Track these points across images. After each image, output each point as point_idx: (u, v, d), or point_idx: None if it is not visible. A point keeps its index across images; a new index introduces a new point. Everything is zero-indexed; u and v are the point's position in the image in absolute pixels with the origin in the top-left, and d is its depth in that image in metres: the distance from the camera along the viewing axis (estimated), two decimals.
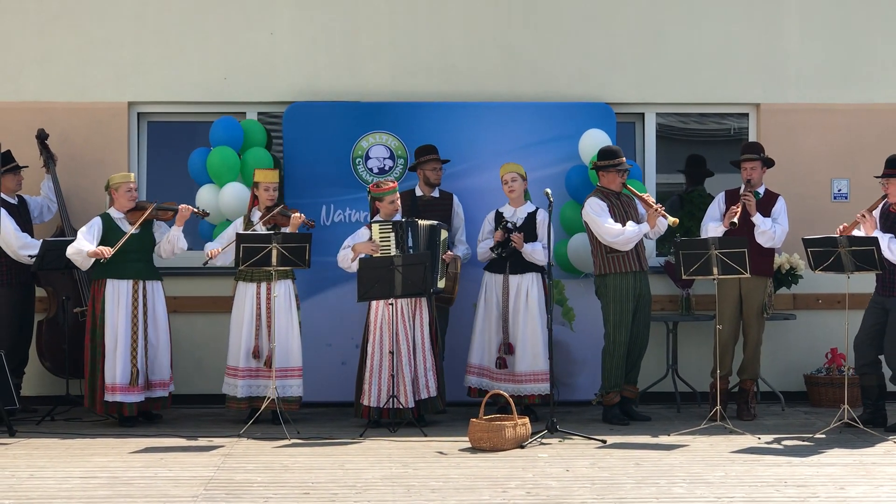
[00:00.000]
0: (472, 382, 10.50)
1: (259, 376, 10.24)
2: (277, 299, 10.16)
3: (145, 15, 11.41)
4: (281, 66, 11.46)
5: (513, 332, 10.42)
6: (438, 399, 10.18)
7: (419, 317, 10.13)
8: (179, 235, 10.25)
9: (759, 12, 11.63)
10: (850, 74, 11.66)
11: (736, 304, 10.49)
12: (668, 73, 11.60)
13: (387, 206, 10.26)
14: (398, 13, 11.51)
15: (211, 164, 10.82)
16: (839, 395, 10.40)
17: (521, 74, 11.51)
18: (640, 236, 10.23)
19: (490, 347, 10.49)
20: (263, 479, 8.25)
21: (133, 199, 10.25)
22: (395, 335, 9.97)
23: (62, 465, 8.72)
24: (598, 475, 8.35)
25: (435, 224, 10.26)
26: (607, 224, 10.17)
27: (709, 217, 10.64)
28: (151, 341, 10.18)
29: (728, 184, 11.02)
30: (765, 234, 10.38)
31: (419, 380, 10.07)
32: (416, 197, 10.78)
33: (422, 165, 10.76)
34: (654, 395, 11.28)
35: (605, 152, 10.37)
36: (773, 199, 10.60)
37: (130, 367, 10.02)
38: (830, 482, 8.15)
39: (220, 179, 10.84)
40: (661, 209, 10.23)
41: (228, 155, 10.84)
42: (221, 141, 10.90)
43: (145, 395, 10.15)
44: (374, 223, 10.20)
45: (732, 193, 10.60)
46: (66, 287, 10.74)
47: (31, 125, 11.04)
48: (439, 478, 8.28)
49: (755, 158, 10.53)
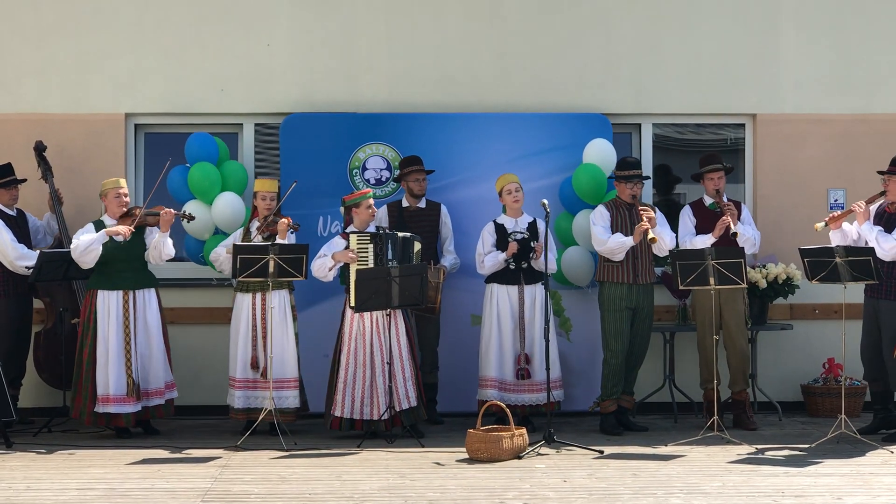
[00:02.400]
0: (491, 396, 10.32)
1: (257, 388, 10.24)
2: (273, 310, 10.15)
3: (142, 26, 11.42)
4: (278, 78, 11.47)
5: (530, 342, 10.43)
6: (421, 408, 10.14)
7: (395, 327, 10.08)
8: (166, 241, 10.16)
9: (755, 23, 11.65)
10: (847, 84, 11.67)
11: (716, 314, 10.46)
12: (665, 83, 11.62)
13: (363, 211, 10.22)
14: (395, 24, 11.53)
15: (192, 181, 10.84)
16: (836, 406, 10.40)
17: (518, 85, 11.53)
18: (623, 248, 10.20)
19: (507, 359, 10.47)
20: (261, 490, 8.25)
21: (122, 204, 10.22)
22: (370, 346, 9.95)
23: (59, 476, 8.71)
24: (595, 486, 8.34)
25: (408, 236, 10.23)
26: (597, 232, 10.27)
27: (685, 232, 10.63)
28: (143, 351, 10.16)
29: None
30: (748, 241, 10.42)
31: (398, 391, 10.02)
32: (402, 208, 10.78)
33: (405, 177, 10.77)
34: (652, 405, 11.28)
35: (621, 162, 10.48)
36: (738, 208, 10.65)
37: (126, 378, 10.02)
38: (828, 492, 8.15)
39: (204, 195, 10.84)
40: (646, 227, 10.12)
41: (209, 170, 10.86)
42: (199, 157, 10.94)
43: (142, 404, 10.13)
44: (352, 233, 10.16)
45: (697, 204, 10.71)
46: (64, 298, 10.72)
47: (29, 136, 11.04)
48: (437, 489, 8.28)
49: (721, 168, 10.58)
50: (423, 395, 10.22)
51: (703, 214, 10.61)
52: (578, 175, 10.89)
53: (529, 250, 10.41)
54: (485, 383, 10.49)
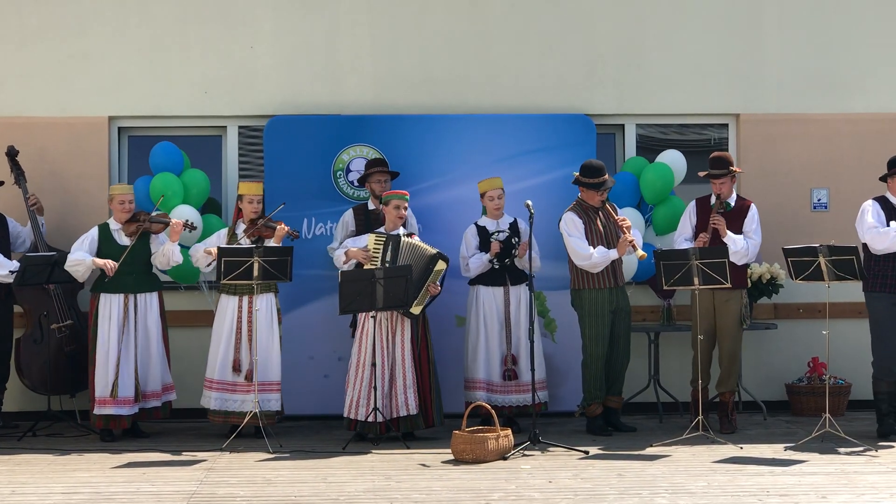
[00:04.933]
0: (479, 398, 10.30)
1: (236, 391, 10.23)
2: (259, 313, 10.15)
3: (126, 29, 11.40)
4: (261, 80, 11.46)
5: (516, 343, 10.44)
6: (420, 417, 10.11)
7: (400, 333, 10.09)
8: (175, 249, 10.29)
9: (738, 23, 11.67)
10: (830, 84, 11.70)
11: (711, 315, 10.46)
12: (648, 84, 11.63)
13: (391, 211, 10.22)
14: (379, 26, 11.52)
15: (154, 192, 10.84)
16: (821, 405, 10.40)
17: (502, 87, 11.53)
18: (607, 262, 10.19)
19: (494, 361, 10.47)
20: (246, 493, 8.24)
21: (127, 211, 10.28)
22: (373, 350, 9.95)
23: (44, 480, 8.69)
24: (580, 486, 8.35)
25: (435, 253, 10.21)
26: (577, 246, 10.16)
27: (680, 234, 10.56)
28: (142, 354, 10.18)
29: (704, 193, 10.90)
30: (737, 253, 10.23)
31: (397, 397, 10.03)
32: (368, 211, 10.78)
33: (368, 178, 10.77)
34: (637, 405, 11.29)
35: (587, 167, 10.29)
36: (745, 208, 10.47)
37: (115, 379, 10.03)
38: (812, 491, 8.17)
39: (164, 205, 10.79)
40: (633, 240, 10.06)
41: (171, 180, 10.87)
42: (162, 166, 10.95)
43: (139, 406, 10.18)
44: (374, 233, 10.19)
45: (703, 201, 10.53)
46: (44, 303, 10.69)
47: (11, 140, 10.99)
48: (422, 490, 8.28)
49: (724, 174, 10.37)
50: (429, 403, 10.17)
51: (704, 211, 10.48)
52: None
53: (512, 247, 10.41)
54: (473, 385, 10.48)
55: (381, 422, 9.89)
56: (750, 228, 10.42)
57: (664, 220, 11.17)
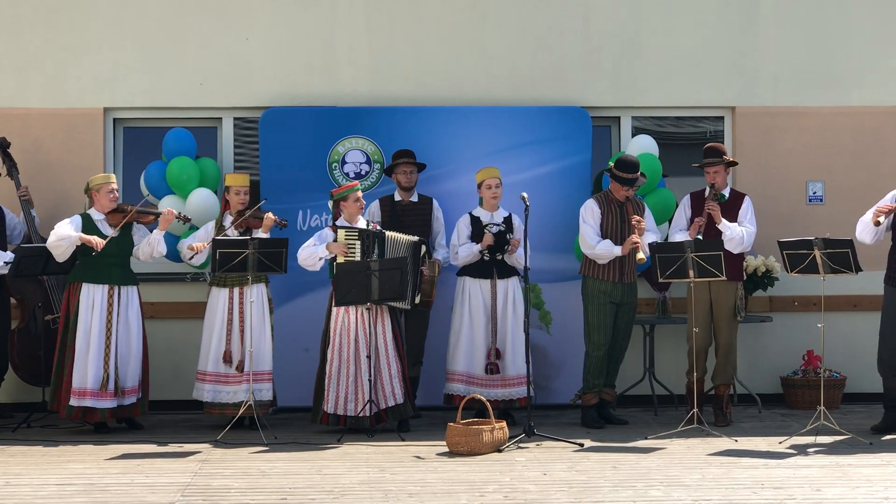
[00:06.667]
0: (458, 390, 10.33)
1: (229, 382, 10.22)
2: (252, 304, 10.14)
3: (121, 21, 11.38)
4: (257, 72, 11.45)
5: (501, 337, 10.42)
6: (407, 405, 10.12)
7: (381, 324, 10.05)
8: (160, 239, 10.18)
9: (734, 16, 11.67)
10: (826, 77, 11.70)
11: (707, 307, 10.46)
12: (644, 76, 11.63)
13: (351, 205, 10.17)
14: (374, 18, 11.52)
15: (171, 175, 10.83)
16: (815, 397, 10.43)
17: (498, 79, 11.53)
18: (610, 257, 10.18)
19: (478, 354, 10.45)
20: (241, 484, 8.24)
21: (114, 199, 10.18)
22: (354, 342, 9.94)
23: (38, 472, 8.68)
24: (575, 479, 8.36)
25: (416, 240, 10.21)
26: (586, 234, 10.21)
27: (675, 226, 10.56)
28: (122, 348, 10.11)
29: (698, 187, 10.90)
30: (732, 241, 10.23)
31: (384, 387, 10.01)
32: (395, 202, 10.77)
33: (394, 169, 10.76)
34: (632, 398, 11.30)
35: (621, 161, 10.21)
36: (739, 200, 10.48)
37: (102, 373, 9.98)
38: (807, 484, 8.17)
39: (181, 190, 10.83)
40: (637, 243, 10.05)
41: (187, 164, 10.85)
42: (176, 152, 10.95)
43: (117, 401, 10.09)
44: (341, 227, 10.13)
45: (698, 195, 10.54)
46: (37, 295, 10.68)
47: (6, 132, 10.99)
48: (417, 482, 8.28)
49: (717, 163, 10.40)
50: (409, 391, 10.17)
51: (698, 204, 10.50)
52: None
53: (504, 243, 10.40)
54: (452, 377, 10.45)
55: (369, 415, 9.87)
56: (745, 219, 10.42)
57: (653, 210, 11.06)
